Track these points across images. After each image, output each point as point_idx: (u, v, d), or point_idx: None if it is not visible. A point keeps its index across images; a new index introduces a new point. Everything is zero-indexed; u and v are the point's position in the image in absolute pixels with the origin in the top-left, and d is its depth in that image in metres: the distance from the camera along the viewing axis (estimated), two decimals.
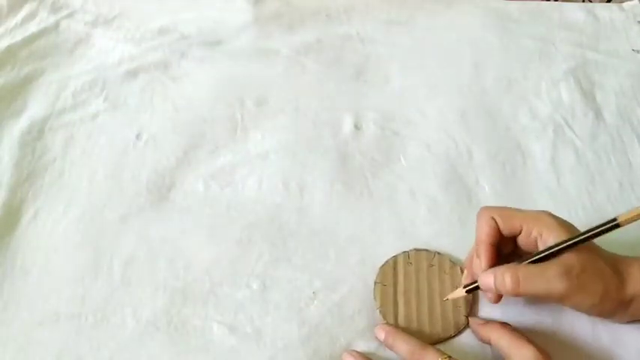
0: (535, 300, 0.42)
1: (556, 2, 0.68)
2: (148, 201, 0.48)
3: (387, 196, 0.49)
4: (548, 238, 0.38)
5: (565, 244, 0.37)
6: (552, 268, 0.37)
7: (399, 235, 0.47)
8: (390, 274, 0.44)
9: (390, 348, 0.40)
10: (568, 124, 0.55)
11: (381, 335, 0.40)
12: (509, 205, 0.48)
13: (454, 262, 0.44)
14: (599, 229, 0.37)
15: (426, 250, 0.45)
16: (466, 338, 0.41)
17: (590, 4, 0.67)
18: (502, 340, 0.38)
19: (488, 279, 0.38)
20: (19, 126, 0.53)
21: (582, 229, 0.47)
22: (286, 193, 0.49)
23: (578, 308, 0.38)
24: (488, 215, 0.40)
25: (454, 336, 0.41)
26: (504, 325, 0.39)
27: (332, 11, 0.66)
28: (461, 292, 0.41)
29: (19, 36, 0.61)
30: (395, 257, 0.45)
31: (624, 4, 0.67)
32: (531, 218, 0.39)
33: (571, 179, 0.51)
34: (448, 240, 0.46)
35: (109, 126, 0.54)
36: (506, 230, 0.40)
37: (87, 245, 0.46)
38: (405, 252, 0.45)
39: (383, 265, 0.44)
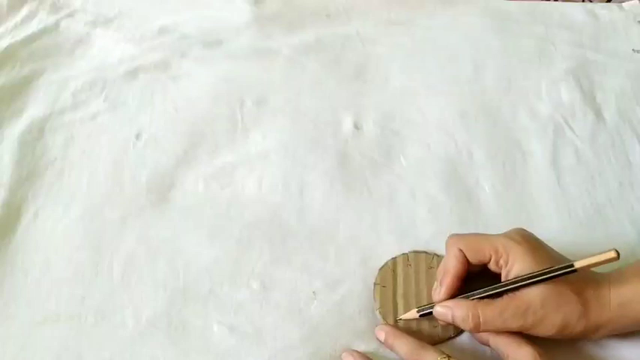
0: None
1: (556, 2, 0.68)
2: (148, 201, 0.48)
3: (387, 196, 0.49)
4: (512, 267, 0.38)
5: (518, 284, 0.37)
6: (510, 308, 0.37)
7: (398, 235, 0.47)
8: (390, 276, 0.44)
9: (390, 348, 0.40)
10: (568, 124, 0.55)
11: (381, 336, 0.40)
12: (508, 206, 0.48)
13: None
14: (556, 273, 0.36)
15: (425, 252, 0.45)
16: (466, 338, 0.41)
17: (590, 4, 0.67)
18: (500, 341, 0.38)
19: (445, 312, 0.39)
20: (19, 126, 0.53)
21: (582, 229, 0.47)
22: (286, 193, 0.49)
23: (546, 334, 0.38)
24: (455, 247, 0.40)
25: (454, 336, 0.41)
26: None
27: (332, 11, 0.66)
28: (413, 315, 0.41)
29: (19, 36, 0.61)
30: (394, 259, 0.45)
31: (624, 4, 0.67)
32: (500, 246, 0.39)
33: (571, 179, 0.51)
34: None
35: (109, 126, 0.54)
36: (474, 261, 0.40)
37: (87, 245, 0.46)
38: (404, 254, 0.45)
39: (382, 267, 0.44)
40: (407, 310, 0.42)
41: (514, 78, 0.59)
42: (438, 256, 0.45)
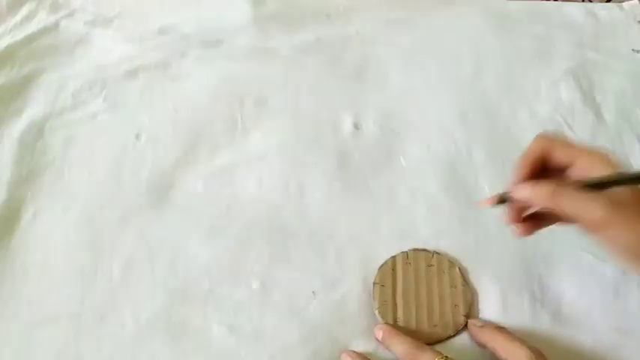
0: (567, 222, 0.39)
1: (556, 2, 0.68)
2: (148, 201, 0.48)
3: (386, 196, 0.49)
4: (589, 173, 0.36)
5: (607, 181, 0.35)
6: (593, 194, 0.34)
7: (398, 235, 0.47)
8: (389, 275, 0.44)
9: (387, 348, 0.40)
10: (568, 123, 0.55)
11: (379, 335, 0.40)
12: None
13: (453, 262, 0.44)
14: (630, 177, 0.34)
15: (425, 250, 0.45)
16: (465, 339, 0.41)
17: (589, 4, 0.67)
18: (496, 343, 0.38)
19: (523, 189, 0.37)
20: (18, 126, 0.53)
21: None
22: (286, 192, 0.49)
23: (611, 245, 0.35)
24: (544, 137, 0.38)
25: (453, 336, 0.41)
26: (500, 328, 0.39)
27: (332, 11, 0.66)
28: (493, 202, 0.39)
29: (18, 36, 0.60)
30: (393, 258, 0.45)
31: (624, 4, 0.67)
32: (586, 154, 0.36)
33: None
34: (448, 240, 0.46)
35: (108, 126, 0.54)
36: (557, 156, 0.37)
37: (86, 245, 0.46)
38: (403, 252, 0.45)
39: (381, 266, 0.44)
40: (406, 308, 0.42)
41: (514, 78, 0.59)
42: (438, 253, 0.45)
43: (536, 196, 0.36)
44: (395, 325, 0.41)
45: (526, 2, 0.67)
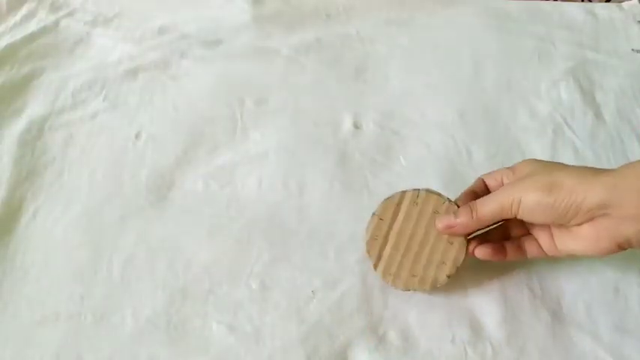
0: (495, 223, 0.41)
1: (556, 2, 0.68)
2: (148, 200, 0.48)
3: (386, 196, 0.49)
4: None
5: None
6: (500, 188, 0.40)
7: None
8: (391, 210, 0.42)
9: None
10: (567, 123, 0.55)
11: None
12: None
13: None
14: None
15: (439, 195, 0.42)
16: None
17: (589, 4, 0.67)
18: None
19: (447, 220, 0.40)
20: (18, 125, 0.53)
21: None
22: (286, 192, 0.49)
23: (531, 210, 0.37)
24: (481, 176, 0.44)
25: (428, 292, 0.42)
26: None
27: (332, 11, 0.66)
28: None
29: (18, 35, 0.61)
30: (403, 193, 0.42)
31: (624, 4, 0.67)
32: (504, 169, 0.42)
33: None
34: None
35: (108, 125, 0.54)
36: (490, 183, 0.43)
37: (86, 244, 0.46)
38: (415, 190, 0.42)
39: (387, 198, 0.42)
40: (394, 248, 0.41)
41: (514, 78, 0.59)
42: (450, 201, 0.42)
43: (465, 224, 0.40)
44: (377, 262, 0.42)
45: (526, 2, 0.67)
